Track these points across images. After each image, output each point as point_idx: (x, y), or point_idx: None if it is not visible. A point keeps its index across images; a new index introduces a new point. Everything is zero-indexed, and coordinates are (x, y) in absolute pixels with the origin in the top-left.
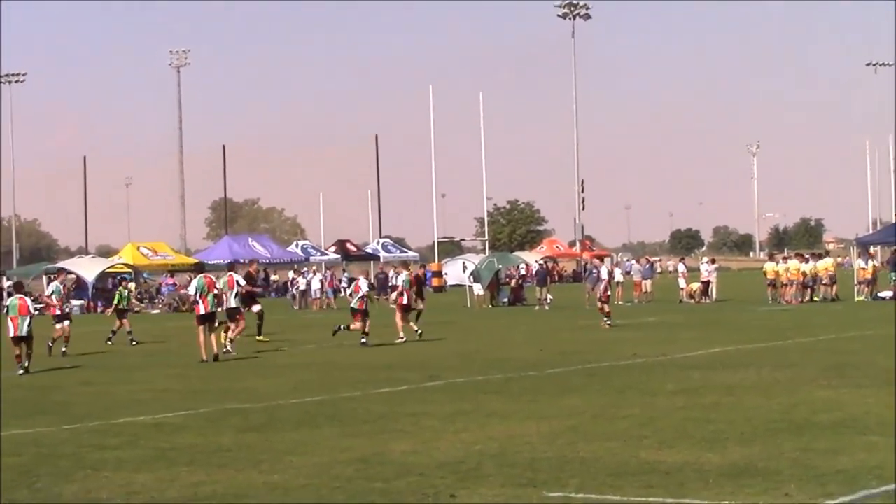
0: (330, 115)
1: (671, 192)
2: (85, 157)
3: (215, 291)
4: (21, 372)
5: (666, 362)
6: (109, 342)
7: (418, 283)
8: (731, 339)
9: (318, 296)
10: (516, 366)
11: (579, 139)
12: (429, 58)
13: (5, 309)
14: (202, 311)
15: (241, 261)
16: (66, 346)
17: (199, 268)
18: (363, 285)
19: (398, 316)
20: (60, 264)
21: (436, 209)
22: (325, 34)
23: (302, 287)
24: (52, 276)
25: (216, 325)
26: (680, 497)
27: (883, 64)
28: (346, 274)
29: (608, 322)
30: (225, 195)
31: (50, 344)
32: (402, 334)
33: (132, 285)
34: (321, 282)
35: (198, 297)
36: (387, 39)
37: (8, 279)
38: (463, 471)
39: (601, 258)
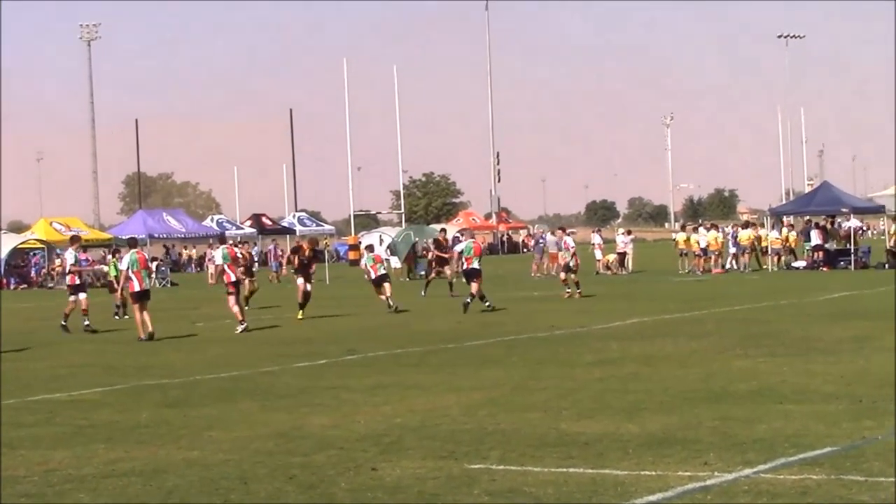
0: (244, 88)
1: (586, 164)
2: None
3: (150, 267)
4: None
5: (584, 334)
6: (117, 317)
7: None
8: (647, 309)
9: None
10: (435, 338)
11: (494, 111)
12: (343, 30)
13: None
14: (137, 289)
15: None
16: (87, 319)
17: (132, 243)
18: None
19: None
20: None
21: (351, 182)
22: (239, 6)
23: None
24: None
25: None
26: (600, 468)
27: (794, 36)
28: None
29: (578, 291)
30: (138, 170)
31: (64, 322)
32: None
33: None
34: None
35: (131, 274)
36: (301, 11)
37: None
38: (384, 444)
39: (564, 229)
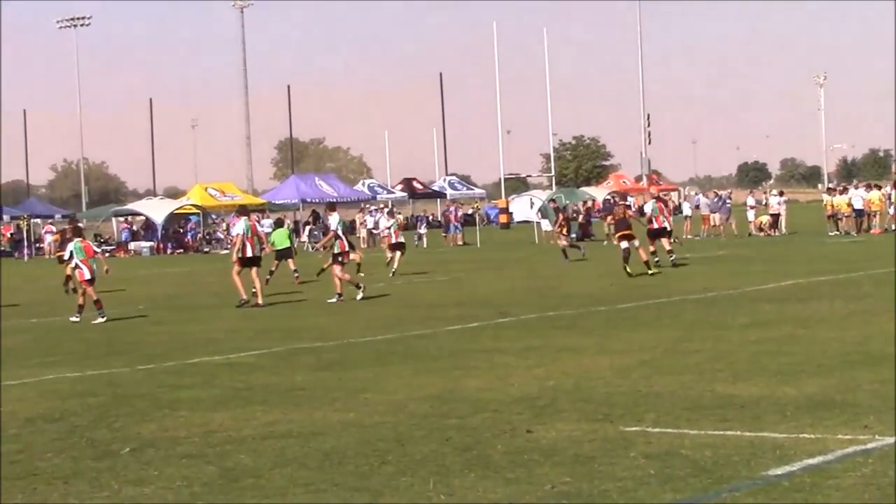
0: (395, 53)
1: (738, 125)
2: (151, 100)
3: (260, 234)
4: (103, 319)
5: (737, 296)
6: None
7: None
8: (801, 271)
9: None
10: (586, 301)
11: (644, 73)
12: None
13: (70, 253)
14: (250, 254)
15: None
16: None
17: (244, 210)
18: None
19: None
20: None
21: (501, 146)
22: None
23: (370, 226)
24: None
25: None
26: (757, 430)
27: None
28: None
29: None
30: (291, 135)
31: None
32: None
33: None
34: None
35: (245, 240)
36: None
37: (79, 222)
38: (538, 406)
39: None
